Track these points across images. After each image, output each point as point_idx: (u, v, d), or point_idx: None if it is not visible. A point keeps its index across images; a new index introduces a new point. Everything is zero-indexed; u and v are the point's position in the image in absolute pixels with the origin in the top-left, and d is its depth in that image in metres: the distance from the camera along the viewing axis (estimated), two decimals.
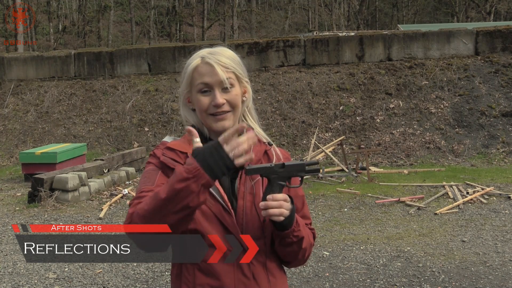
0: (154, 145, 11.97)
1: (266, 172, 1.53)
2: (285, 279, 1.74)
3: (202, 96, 1.64)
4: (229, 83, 1.63)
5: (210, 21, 37.47)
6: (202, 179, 1.44)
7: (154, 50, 14.11)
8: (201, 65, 1.64)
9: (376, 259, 5.32)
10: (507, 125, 11.40)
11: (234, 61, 1.66)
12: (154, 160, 1.69)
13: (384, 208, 7.40)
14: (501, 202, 7.53)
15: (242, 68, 1.69)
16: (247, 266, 1.61)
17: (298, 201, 1.74)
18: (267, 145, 1.74)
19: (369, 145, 11.19)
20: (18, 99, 13.77)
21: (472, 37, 13.17)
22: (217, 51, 1.66)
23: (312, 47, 13.47)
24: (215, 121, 1.65)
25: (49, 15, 36.36)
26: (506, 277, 4.78)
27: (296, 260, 1.72)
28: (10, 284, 4.87)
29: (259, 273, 1.63)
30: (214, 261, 1.58)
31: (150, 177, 1.65)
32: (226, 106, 1.64)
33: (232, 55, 1.68)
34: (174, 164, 1.63)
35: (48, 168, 9.22)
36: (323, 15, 40.48)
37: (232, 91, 1.65)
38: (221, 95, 1.63)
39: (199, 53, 1.68)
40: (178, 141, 1.71)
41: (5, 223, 7.10)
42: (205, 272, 1.60)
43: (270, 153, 1.73)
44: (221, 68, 1.62)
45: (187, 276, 1.63)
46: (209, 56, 1.64)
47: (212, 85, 1.62)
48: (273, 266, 1.68)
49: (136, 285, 4.80)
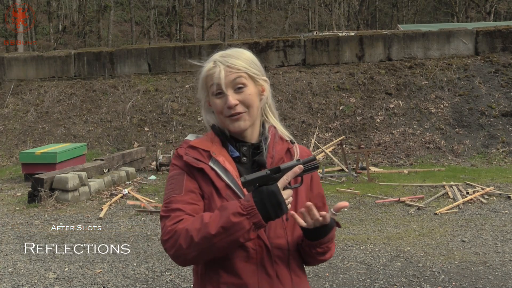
0: (154, 145, 11.97)
1: (263, 180, 1.52)
2: (306, 278, 1.76)
3: (217, 99, 1.66)
4: (240, 83, 1.64)
5: (210, 21, 37.46)
6: (255, 218, 1.48)
7: (154, 50, 14.11)
8: (212, 69, 1.66)
9: (376, 259, 5.32)
10: (507, 125, 11.40)
11: (246, 62, 1.67)
12: (178, 161, 1.69)
13: (384, 208, 7.40)
14: (501, 202, 7.53)
15: (256, 67, 1.69)
16: (271, 265, 1.62)
17: (319, 200, 1.76)
18: (289, 143, 1.74)
19: (369, 145, 11.19)
20: (18, 99, 13.77)
21: (472, 37, 13.17)
22: (229, 53, 1.68)
23: (312, 47, 13.47)
24: (231, 122, 1.66)
25: (49, 15, 36.35)
26: (506, 277, 4.78)
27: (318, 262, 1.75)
28: (10, 284, 4.87)
29: (283, 272, 1.64)
30: (237, 260, 1.60)
31: (177, 183, 1.65)
32: (240, 107, 1.64)
33: (245, 55, 1.69)
34: (197, 164, 1.64)
35: (48, 168, 9.22)
36: (323, 15, 40.47)
37: (245, 91, 1.65)
38: (234, 96, 1.64)
39: (213, 57, 1.71)
40: (200, 139, 1.71)
41: (5, 223, 7.10)
42: (229, 271, 1.60)
43: (292, 151, 1.74)
44: (230, 70, 1.63)
45: (212, 275, 1.63)
46: (219, 59, 1.66)
47: (223, 87, 1.63)
48: (295, 265, 1.69)
49: (136, 285, 4.80)
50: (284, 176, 1.51)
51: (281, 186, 1.50)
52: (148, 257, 5.54)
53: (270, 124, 1.74)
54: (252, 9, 37.89)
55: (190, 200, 1.61)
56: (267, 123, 1.74)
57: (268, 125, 1.74)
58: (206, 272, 1.65)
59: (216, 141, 1.69)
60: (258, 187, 1.52)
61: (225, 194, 1.62)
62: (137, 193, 8.59)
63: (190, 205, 1.61)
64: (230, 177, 1.63)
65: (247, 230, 1.49)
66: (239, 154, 1.68)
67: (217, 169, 1.63)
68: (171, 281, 4.85)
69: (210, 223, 1.50)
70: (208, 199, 1.63)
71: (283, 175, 1.53)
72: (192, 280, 4.90)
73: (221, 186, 1.62)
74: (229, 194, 1.61)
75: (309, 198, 1.72)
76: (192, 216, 1.58)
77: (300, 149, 1.76)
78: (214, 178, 1.63)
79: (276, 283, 1.62)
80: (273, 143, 1.71)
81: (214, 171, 1.63)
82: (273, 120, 1.76)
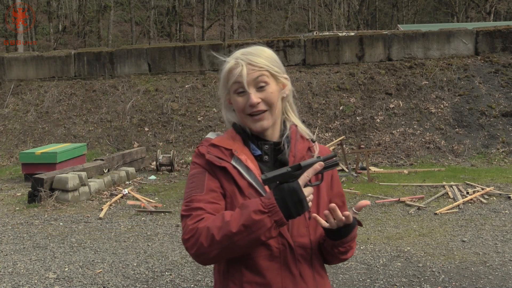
0: (154, 145, 11.96)
1: (284, 177, 1.50)
2: (328, 278, 1.76)
3: (238, 97, 1.64)
4: (262, 82, 1.63)
5: (210, 21, 37.47)
6: (276, 216, 1.48)
7: (154, 50, 14.11)
8: (234, 67, 1.64)
9: (376, 259, 5.32)
10: (507, 125, 11.40)
11: (267, 59, 1.65)
12: (199, 160, 1.68)
13: (384, 208, 7.40)
14: (501, 202, 7.53)
15: (278, 64, 1.68)
16: (294, 264, 1.62)
17: (339, 199, 1.76)
18: (310, 141, 1.74)
19: (369, 145, 11.19)
20: (18, 99, 13.77)
21: (472, 37, 13.17)
22: (250, 51, 1.66)
23: (312, 47, 13.47)
24: (253, 121, 1.65)
25: (49, 15, 36.36)
26: (506, 277, 4.78)
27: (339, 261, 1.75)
28: (10, 284, 4.87)
29: (306, 271, 1.64)
30: (261, 258, 1.59)
31: (198, 182, 1.64)
32: (262, 105, 1.63)
33: (267, 53, 1.67)
34: (220, 162, 1.63)
35: (48, 168, 9.22)
36: (323, 15, 40.48)
37: (267, 89, 1.64)
38: (256, 94, 1.62)
39: (234, 54, 1.68)
40: (222, 138, 1.70)
41: (5, 223, 7.10)
42: (252, 270, 1.60)
43: (313, 150, 1.73)
44: (252, 68, 1.62)
45: (234, 274, 1.62)
46: (241, 57, 1.64)
47: (245, 85, 1.62)
48: (318, 265, 1.69)
49: (136, 285, 4.80)
50: (305, 173, 1.50)
51: (302, 183, 1.49)
52: (148, 257, 5.53)
53: (292, 122, 1.74)
54: (252, 9, 37.89)
55: (211, 199, 1.60)
56: (288, 121, 1.73)
57: (289, 123, 1.73)
58: (228, 271, 1.64)
59: (238, 139, 1.68)
60: (279, 184, 1.51)
61: (248, 193, 1.61)
62: (137, 193, 8.59)
63: (211, 204, 1.60)
64: (253, 175, 1.62)
65: (268, 228, 1.48)
66: (261, 153, 1.67)
67: (240, 167, 1.62)
68: (171, 281, 4.85)
69: (231, 221, 1.49)
70: (230, 198, 1.62)
71: (303, 172, 1.52)
72: (191, 280, 4.92)
73: (244, 185, 1.61)
74: (251, 193, 1.61)
75: (330, 197, 1.73)
76: (212, 215, 1.58)
77: (320, 148, 1.76)
78: (236, 176, 1.62)
79: (299, 282, 1.62)
80: (295, 141, 1.70)
81: (236, 169, 1.62)
82: (294, 118, 1.75)
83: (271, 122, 1.66)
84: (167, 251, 5.72)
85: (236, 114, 1.70)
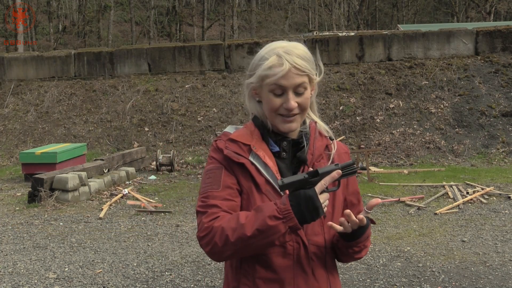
0: (154, 145, 11.96)
1: (301, 184, 1.49)
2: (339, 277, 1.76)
3: (274, 97, 1.60)
4: (303, 87, 1.61)
5: (210, 21, 37.48)
6: (291, 222, 1.48)
7: (154, 50, 14.11)
8: (277, 65, 1.58)
9: (376, 259, 5.32)
10: (507, 125, 11.40)
11: (308, 62, 1.62)
12: (216, 154, 1.66)
13: (384, 208, 7.40)
14: (501, 202, 7.53)
15: (314, 66, 1.66)
16: (307, 262, 1.62)
17: (354, 198, 1.76)
18: (328, 139, 1.73)
19: (369, 145, 11.19)
20: (18, 99, 13.77)
21: (472, 37, 13.17)
22: (292, 50, 1.60)
23: (312, 47, 13.46)
24: (283, 122, 1.62)
25: (49, 15, 36.37)
26: (506, 277, 4.78)
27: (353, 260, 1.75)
28: (10, 284, 4.87)
29: (319, 269, 1.64)
30: (274, 255, 1.59)
31: (215, 178, 1.62)
32: (296, 109, 1.61)
33: (306, 54, 1.63)
34: (238, 158, 1.61)
35: (48, 168, 9.22)
36: (323, 15, 40.48)
37: (305, 94, 1.62)
38: (294, 98, 1.60)
39: (274, 48, 1.62)
40: (240, 132, 1.68)
41: (5, 223, 7.10)
42: (266, 266, 1.60)
43: (330, 148, 1.72)
44: (296, 72, 1.58)
45: (247, 269, 1.62)
46: (285, 56, 1.58)
47: (287, 88, 1.59)
48: (331, 264, 1.70)
49: (136, 285, 4.80)
50: (322, 181, 1.49)
51: (318, 191, 1.49)
52: (148, 257, 5.53)
53: (311, 119, 1.72)
54: (252, 9, 37.88)
55: (228, 196, 1.60)
56: (308, 118, 1.72)
57: (308, 120, 1.71)
58: (241, 266, 1.64)
59: (256, 134, 1.66)
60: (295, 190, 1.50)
61: (265, 190, 1.60)
62: (137, 193, 8.59)
63: (227, 201, 1.59)
64: (270, 172, 1.61)
65: (283, 233, 1.49)
66: (279, 149, 1.65)
67: (257, 164, 1.61)
68: (171, 281, 4.85)
69: (246, 224, 1.49)
70: (247, 194, 1.61)
71: (320, 179, 1.50)
72: (191, 280, 4.91)
73: (261, 181, 1.60)
74: (269, 190, 1.60)
75: (345, 195, 1.72)
76: (228, 213, 1.57)
77: (338, 145, 1.74)
78: (254, 173, 1.61)
79: (311, 280, 1.62)
80: (314, 139, 1.69)
81: (254, 166, 1.61)
82: (314, 115, 1.73)
83: (300, 124, 1.66)
84: (167, 251, 5.72)
85: (261, 106, 1.67)
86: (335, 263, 1.74)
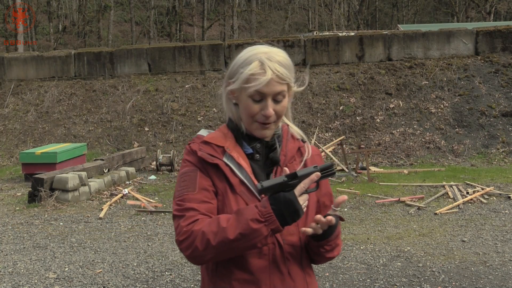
0: (154, 145, 11.96)
1: (280, 187, 1.51)
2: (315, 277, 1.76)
3: (253, 103, 1.61)
4: (282, 96, 1.62)
5: (210, 21, 37.48)
6: (273, 224, 1.49)
7: (154, 50, 14.11)
8: (260, 73, 1.58)
9: (376, 259, 5.32)
10: (507, 125, 11.40)
11: (289, 69, 1.63)
12: (191, 157, 1.67)
13: (384, 208, 7.40)
14: (501, 202, 7.53)
15: (293, 73, 1.66)
16: (283, 262, 1.62)
17: (327, 199, 1.77)
18: (300, 141, 1.75)
19: (369, 145, 11.19)
20: (18, 99, 13.77)
21: (472, 37, 13.17)
22: (274, 57, 1.60)
23: (312, 47, 13.47)
24: (259, 129, 1.64)
25: (49, 15, 36.38)
26: (506, 277, 4.78)
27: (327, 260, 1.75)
28: (10, 284, 4.87)
29: (295, 269, 1.65)
30: (250, 256, 1.59)
31: (190, 180, 1.63)
32: (273, 117, 1.62)
33: (287, 61, 1.64)
34: (212, 159, 1.62)
35: (48, 168, 9.22)
36: (323, 15, 40.48)
37: (282, 102, 1.63)
38: (272, 105, 1.61)
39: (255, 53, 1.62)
40: (214, 135, 1.69)
41: (5, 223, 7.10)
42: (241, 268, 1.60)
43: (303, 150, 1.74)
44: (279, 80, 1.59)
45: (223, 271, 1.63)
46: (268, 63, 1.58)
47: (267, 95, 1.60)
48: (307, 263, 1.70)
49: (136, 285, 4.80)
50: (301, 184, 1.51)
51: (298, 194, 1.50)
52: (148, 257, 5.53)
53: (284, 122, 1.74)
54: (252, 9, 37.89)
55: (204, 198, 1.60)
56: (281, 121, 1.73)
57: (281, 123, 1.73)
58: (217, 269, 1.64)
59: (230, 137, 1.67)
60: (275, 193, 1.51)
61: (240, 190, 1.61)
62: (137, 193, 8.59)
63: (204, 204, 1.59)
64: (244, 173, 1.62)
65: (265, 236, 1.50)
66: (252, 151, 1.66)
67: (231, 165, 1.62)
68: (171, 281, 4.85)
69: (228, 228, 1.50)
70: (222, 195, 1.62)
71: (300, 182, 1.52)
72: (191, 280, 4.91)
73: (236, 182, 1.61)
74: (243, 191, 1.61)
75: (318, 197, 1.73)
76: (206, 216, 1.57)
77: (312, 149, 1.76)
78: (228, 174, 1.62)
79: (288, 280, 1.63)
80: (286, 141, 1.71)
81: (228, 167, 1.62)
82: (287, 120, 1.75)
83: (274, 131, 1.67)
84: (167, 251, 5.72)
85: (237, 108, 1.68)
86: (311, 264, 1.75)
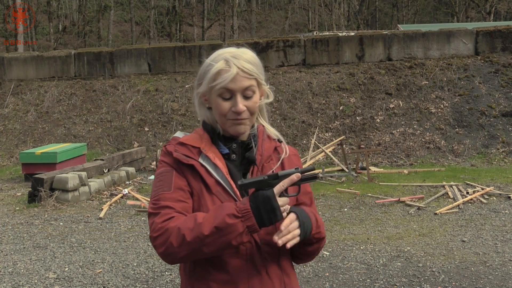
0: (154, 145, 11.96)
1: (260, 185, 1.52)
2: (296, 276, 1.76)
3: (223, 101, 1.63)
4: (251, 91, 1.63)
5: (210, 21, 37.49)
6: (249, 221, 1.49)
7: (154, 50, 14.11)
8: (225, 70, 1.61)
9: (376, 259, 5.33)
10: (507, 125, 11.40)
11: (256, 66, 1.65)
12: (166, 158, 1.68)
13: (384, 208, 7.40)
14: (501, 202, 7.53)
15: (262, 71, 1.68)
16: (261, 262, 1.62)
17: (306, 198, 1.76)
18: (277, 141, 1.75)
19: (369, 145, 11.19)
20: (18, 99, 13.77)
21: (472, 37, 13.17)
22: (240, 55, 1.64)
23: (312, 47, 13.47)
24: (233, 125, 1.64)
25: (49, 15, 36.39)
26: (506, 277, 4.78)
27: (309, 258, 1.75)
28: (10, 284, 4.87)
29: (273, 269, 1.64)
30: (227, 256, 1.59)
31: (166, 180, 1.64)
32: (246, 113, 1.63)
33: (254, 59, 1.66)
34: (187, 160, 1.63)
35: (48, 168, 9.22)
36: (323, 15, 40.49)
37: (253, 98, 1.64)
38: (242, 101, 1.62)
39: (221, 54, 1.66)
40: (190, 136, 1.71)
41: (5, 223, 7.10)
42: (219, 268, 1.60)
43: (280, 150, 1.75)
44: (243, 75, 1.61)
45: (201, 272, 1.63)
46: (233, 61, 1.62)
47: (235, 91, 1.62)
48: (286, 263, 1.69)
49: (136, 285, 4.80)
50: (281, 183, 1.51)
51: (276, 192, 1.50)
52: (148, 257, 5.53)
53: (259, 123, 1.75)
54: (252, 9, 37.89)
55: (180, 197, 1.60)
56: (256, 121, 1.74)
57: (257, 124, 1.74)
58: (194, 270, 1.64)
59: (206, 138, 1.69)
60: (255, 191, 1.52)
61: (216, 190, 1.61)
62: (137, 193, 8.59)
63: (180, 203, 1.60)
64: (220, 173, 1.62)
65: (240, 233, 1.49)
66: (228, 151, 1.67)
67: (207, 165, 1.63)
68: (171, 281, 4.85)
69: (204, 223, 1.50)
70: (198, 196, 1.62)
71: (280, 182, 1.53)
72: None
73: (211, 182, 1.62)
74: (219, 191, 1.61)
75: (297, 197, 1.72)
76: (182, 214, 1.57)
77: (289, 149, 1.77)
78: (204, 174, 1.62)
79: (265, 280, 1.62)
80: (262, 140, 1.72)
81: (204, 167, 1.63)
82: (263, 120, 1.76)
83: (249, 128, 1.68)
84: None
85: (211, 112, 1.70)
86: (291, 263, 1.73)
